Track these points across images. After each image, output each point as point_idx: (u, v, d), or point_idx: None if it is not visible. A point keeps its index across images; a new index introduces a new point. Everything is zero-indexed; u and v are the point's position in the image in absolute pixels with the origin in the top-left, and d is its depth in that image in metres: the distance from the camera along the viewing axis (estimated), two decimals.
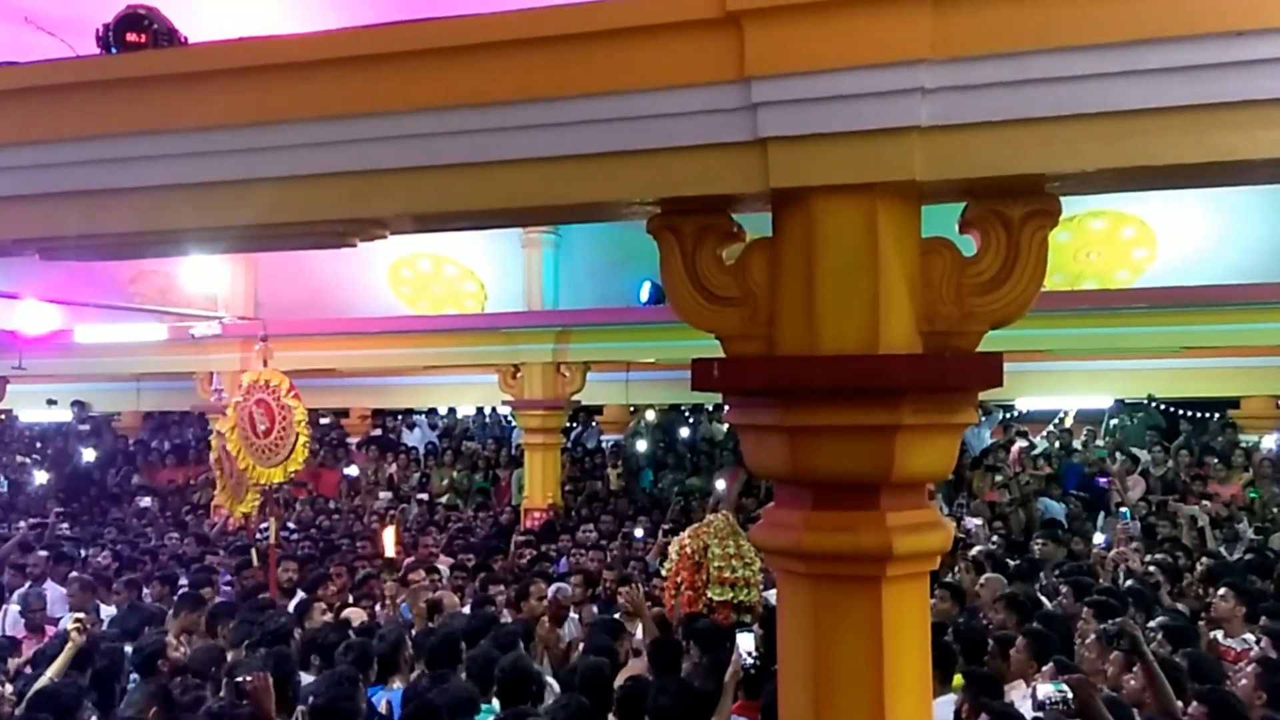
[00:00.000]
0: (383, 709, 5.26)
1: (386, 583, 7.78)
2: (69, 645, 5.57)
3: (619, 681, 5.22)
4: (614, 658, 5.78)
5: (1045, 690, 4.08)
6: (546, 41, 2.55)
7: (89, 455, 15.94)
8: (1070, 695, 3.97)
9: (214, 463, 9.43)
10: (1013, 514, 10.94)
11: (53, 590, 8.28)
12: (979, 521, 10.02)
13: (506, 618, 6.99)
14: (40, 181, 3.03)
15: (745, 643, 4.98)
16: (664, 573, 7.03)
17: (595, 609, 7.64)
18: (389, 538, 9.31)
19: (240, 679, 4.48)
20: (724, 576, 6.48)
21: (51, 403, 15.95)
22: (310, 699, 4.74)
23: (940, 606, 6.31)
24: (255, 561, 8.51)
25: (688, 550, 6.66)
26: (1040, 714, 4.15)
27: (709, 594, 6.45)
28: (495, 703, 5.06)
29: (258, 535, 8.99)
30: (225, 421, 8.82)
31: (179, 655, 5.79)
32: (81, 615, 5.95)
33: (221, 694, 5.03)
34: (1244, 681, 4.66)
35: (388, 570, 8.37)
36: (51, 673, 5.40)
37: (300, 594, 7.83)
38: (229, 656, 5.84)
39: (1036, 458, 12.75)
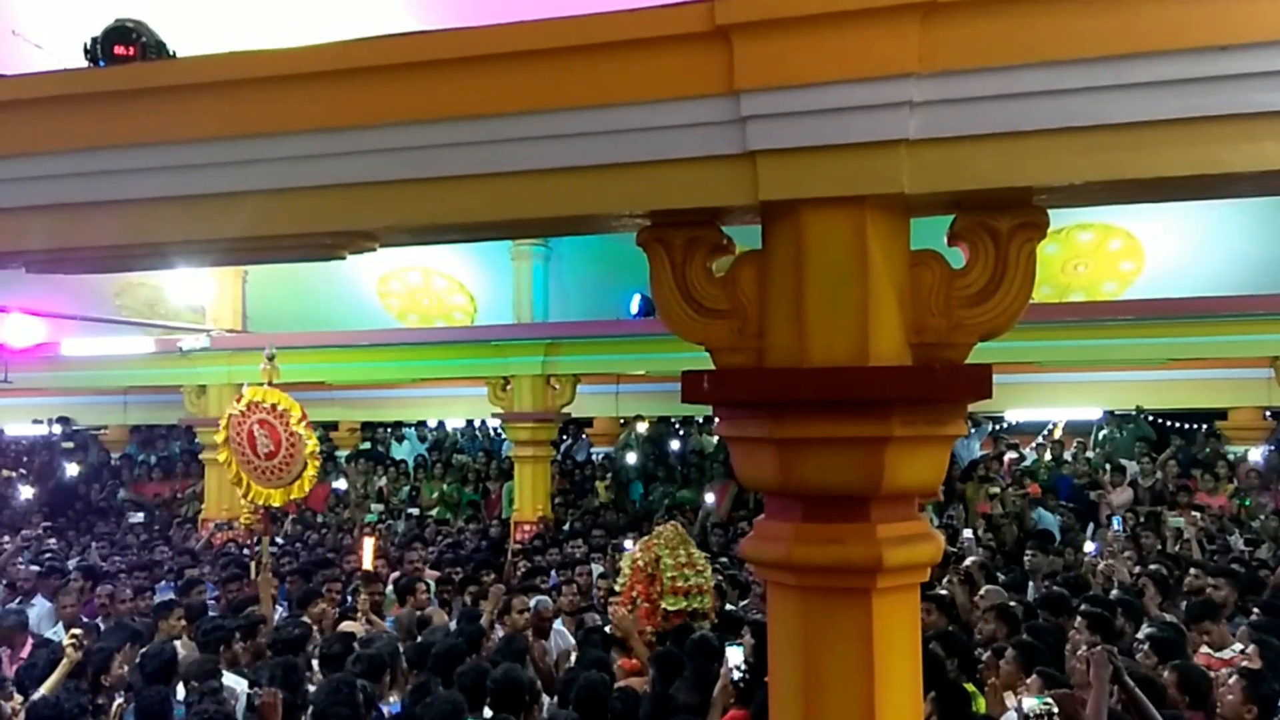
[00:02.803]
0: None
1: (361, 595, 7.72)
2: (64, 661, 5.55)
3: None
4: (607, 669, 5.77)
5: (1030, 704, 4.08)
6: (536, 55, 2.55)
7: (73, 470, 15.87)
8: (1055, 710, 3.97)
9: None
10: (1006, 525, 10.94)
11: (40, 605, 8.23)
12: (971, 534, 10.02)
13: (499, 632, 6.98)
14: (26, 194, 3.01)
15: (735, 656, 4.98)
16: (618, 588, 7.03)
17: (597, 616, 7.63)
18: (367, 550, 9.27)
19: (250, 693, 4.49)
20: (677, 586, 6.52)
21: (38, 422, 15.92)
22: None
23: (927, 619, 6.31)
24: (254, 574, 8.44)
25: (640, 563, 6.68)
26: None
27: (663, 604, 6.46)
28: (486, 715, 5.04)
29: (255, 548, 8.93)
30: (218, 434, 8.77)
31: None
32: (78, 631, 5.93)
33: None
34: (1230, 697, 4.63)
35: (365, 583, 8.33)
36: (45, 689, 5.37)
37: (280, 608, 7.80)
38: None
39: (1024, 474, 12.75)
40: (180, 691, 5.52)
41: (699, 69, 2.44)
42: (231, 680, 5.67)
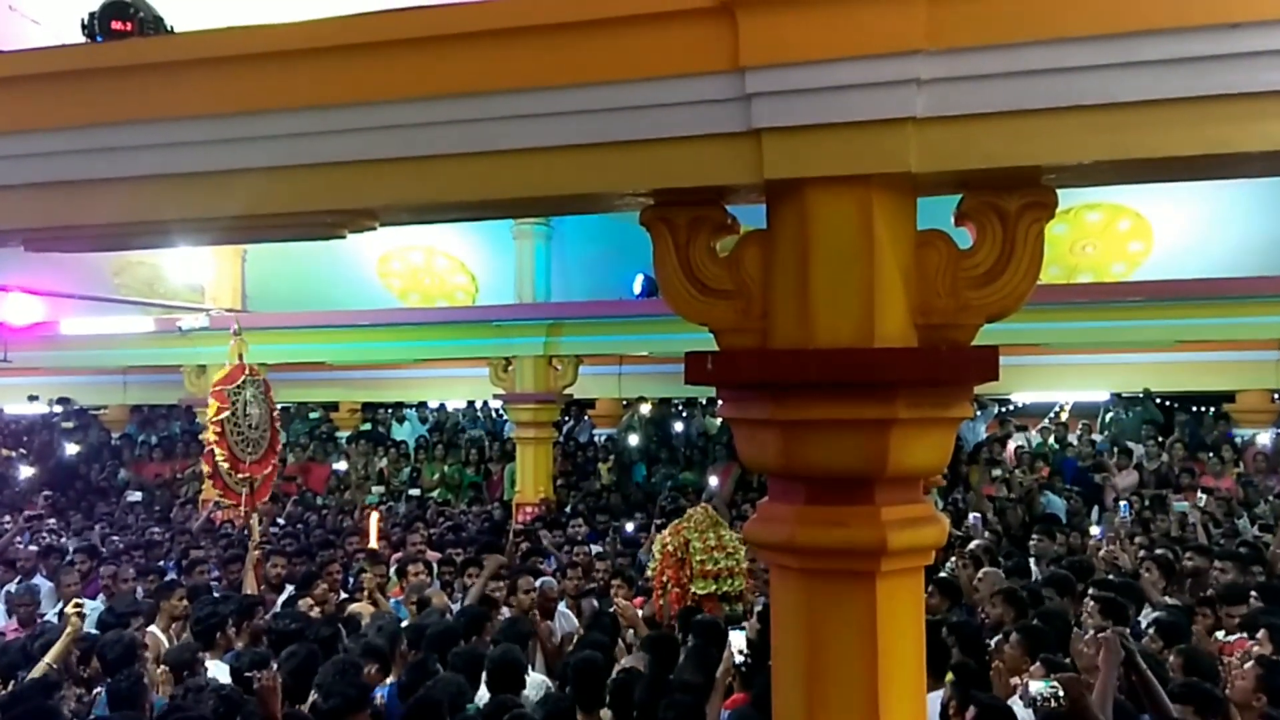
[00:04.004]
0: (375, 701, 5.24)
1: (366, 574, 7.72)
2: (68, 630, 5.51)
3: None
4: (609, 651, 5.76)
5: (1036, 687, 4.08)
6: (538, 30, 2.52)
7: (73, 450, 15.88)
8: (1061, 693, 3.97)
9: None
10: (1012, 509, 10.92)
11: (41, 584, 8.24)
12: (978, 516, 9.99)
13: (505, 612, 6.98)
14: (24, 171, 2.99)
15: (738, 640, 4.98)
16: (650, 573, 7.02)
17: (595, 601, 7.63)
18: (373, 527, 9.28)
19: (250, 675, 4.49)
20: (706, 569, 6.49)
21: (33, 399, 15.93)
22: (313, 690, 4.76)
23: (930, 602, 6.30)
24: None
25: (669, 548, 6.66)
26: (1031, 710, 4.15)
27: (693, 588, 6.44)
28: (479, 700, 5.05)
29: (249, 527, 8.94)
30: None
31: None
32: (81, 601, 5.90)
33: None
34: (1242, 682, 4.64)
35: (370, 561, 8.32)
36: (49, 659, 5.36)
37: (289, 590, 7.80)
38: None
39: (1034, 458, 12.70)
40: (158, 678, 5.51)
41: (703, 45, 2.41)
42: (215, 669, 5.63)
